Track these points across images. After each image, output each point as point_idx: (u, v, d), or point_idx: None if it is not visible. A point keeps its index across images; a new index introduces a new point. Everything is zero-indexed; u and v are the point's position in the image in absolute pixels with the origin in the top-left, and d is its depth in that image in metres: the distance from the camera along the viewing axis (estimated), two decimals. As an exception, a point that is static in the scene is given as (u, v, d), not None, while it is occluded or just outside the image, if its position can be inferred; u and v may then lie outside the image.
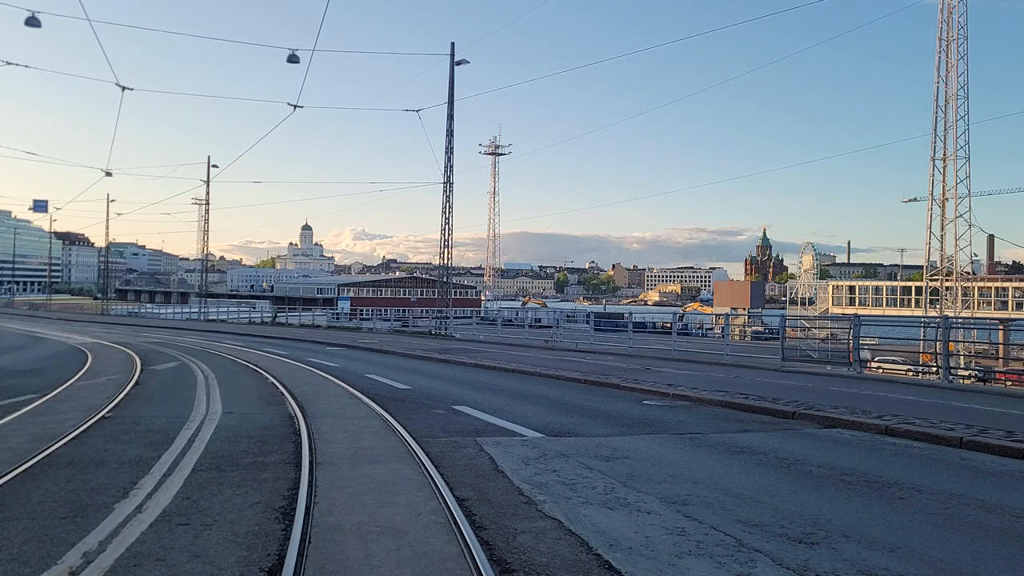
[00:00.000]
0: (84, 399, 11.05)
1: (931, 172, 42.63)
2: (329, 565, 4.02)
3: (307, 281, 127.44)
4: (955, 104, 41.31)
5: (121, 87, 26.56)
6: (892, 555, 4.37)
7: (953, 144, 41.67)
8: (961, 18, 41.11)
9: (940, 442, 8.10)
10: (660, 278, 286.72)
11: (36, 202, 72.19)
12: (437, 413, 9.94)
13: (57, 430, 8.08)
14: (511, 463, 6.70)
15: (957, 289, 43.27)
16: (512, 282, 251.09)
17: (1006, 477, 6.67)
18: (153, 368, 16.50)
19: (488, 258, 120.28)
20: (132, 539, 4.41)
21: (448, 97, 37.23)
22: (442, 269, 41.69)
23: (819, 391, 12.90)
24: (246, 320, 56.91)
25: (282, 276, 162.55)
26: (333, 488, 5.70)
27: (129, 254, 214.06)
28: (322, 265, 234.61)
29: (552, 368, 16.75)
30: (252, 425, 8.75)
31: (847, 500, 5.70)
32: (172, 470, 6.24)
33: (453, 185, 38.74)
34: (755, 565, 4.14)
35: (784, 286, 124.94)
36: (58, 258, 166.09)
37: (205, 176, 61.90)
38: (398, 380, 14.20)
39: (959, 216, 42.54)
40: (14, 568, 3.94)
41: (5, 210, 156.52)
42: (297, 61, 27.20)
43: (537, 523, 4.87)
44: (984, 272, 77.22)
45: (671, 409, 10.79)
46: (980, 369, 23.73)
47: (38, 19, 23.59)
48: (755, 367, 18.93)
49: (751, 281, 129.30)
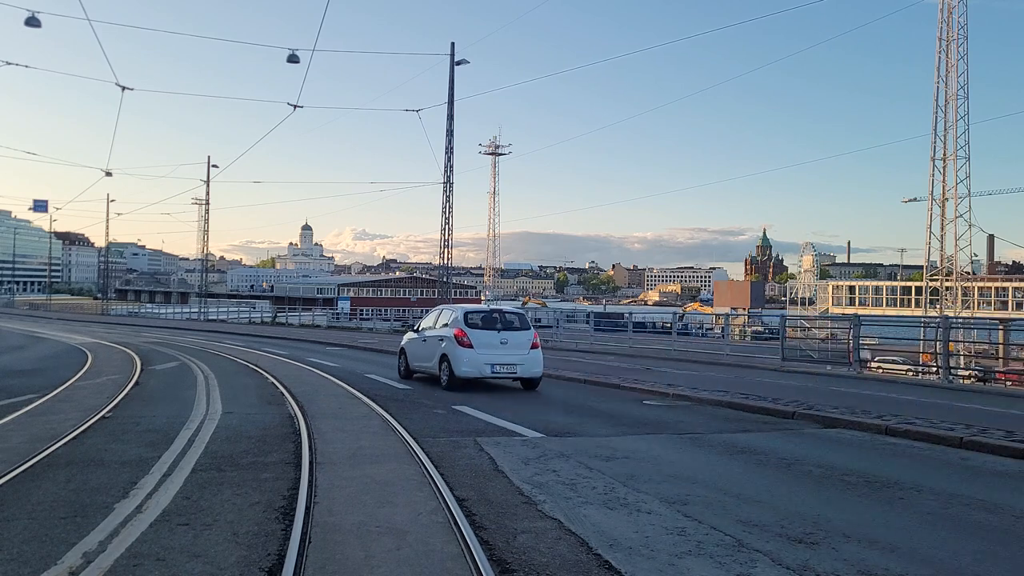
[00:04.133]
0: (84, 399, 11.05)
1: (931, 172, 42.66)
2: (329, 565, 4.02)
3: (307, 281, 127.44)
4: (955, 104, 41.33)
5: (121, 87, 26.55)
6: (892, 555, 4.37)
7: (953, 144, 41.71)
8: (961, 18, 41.15)
9: (940, 442, 8.11)
10: (660, 278, 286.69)
11: (36, 202, 72.03)
12: (437, 413, 9.94)
13: (57, 430, 8.08)
14: (511, 463, 6.70)
15: (957, 289, 43.26)
16: (512, 282, 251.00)
17: (1006, 477, 6.67)
18: (153, 368, 16.50)
19: (488, 258, 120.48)
20: (132, 539, 4.40)
21: (448, 97, 37.23)
22: (442, 269, 41.69)
23: (819, 391, 12.90)
24: (246, 320, 56.93)
25: (282, 276, 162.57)
26: (333, 488, 5.70)
27: (129, 254, 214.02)
28: (322, 265, 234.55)
29: (552, 368, 16.74)
30: (252, 425, 8.75)
31: (847, 500, 5.70)
32: (172, 470, 6.23)
33: (453, 185, 38.72)
34: (755, 565, 4.14)
35: (784, 286, 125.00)
36: (58, 258, 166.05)
37: (205, 176, 61.78)
38: (398, 380, 14.20)
39: (959, 216, 42.57)
40: (14, 568, 3.93)
41: (5, 210, 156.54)
42: (297, 61, 27.22)
43: (537, 523, 4.87)
44: (984, 272, 77.21)
45: (671, 409, 10.79)
46: (980, 369, 23.71)
47: (38, 19, 23.58)
48: (755, 367, 18.94)
49: (751, 281, 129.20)
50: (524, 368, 13.07)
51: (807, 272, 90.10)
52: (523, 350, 13.15)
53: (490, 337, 13.01)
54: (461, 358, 12.76)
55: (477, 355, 12.74)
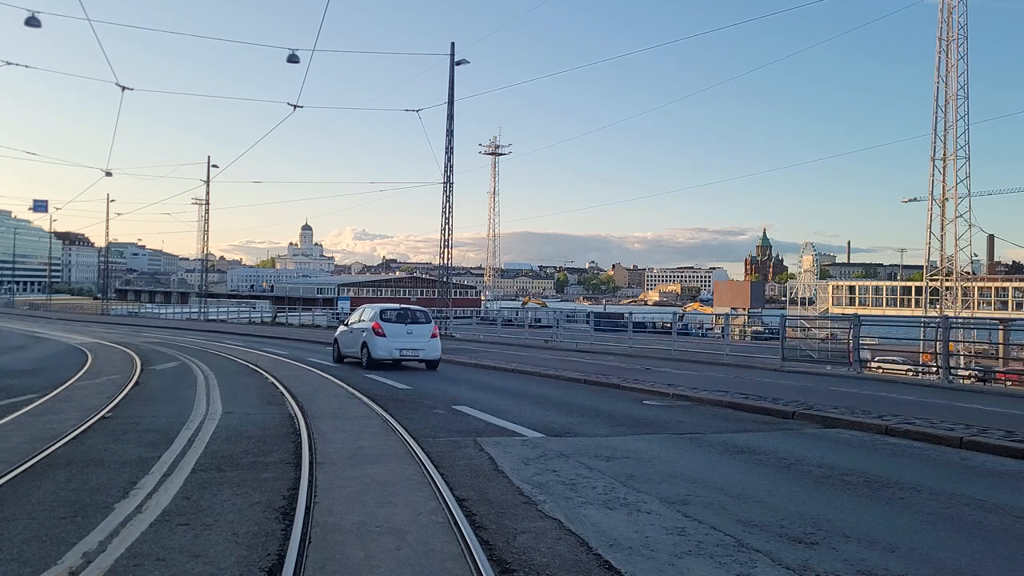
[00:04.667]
0: (84, 399, 11.05)
1: (931, 172, 42.64)
2: (329, 565, 4.01)
3: (307, 281, 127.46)
4: (955, 104, 41.31)
5: (121, 87, 26.55)
6: (892, 555, 4.37)
7: (953, 144, 41.69)
8: (961, 18, 41.14)
9: (940, 442, 8.11)
10: (660, 278, 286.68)
11: (36, 202, 72.01)
12: (437, 413, 9.94)
13: (57, 430, 8.08)
14: (511, 463, 6.70)
15: (957, 289, 43.25)
16: (512, 282, 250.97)
17: (1006, 477, 6.67)
18: (153, 368, 16.50)
19: (488, 258, 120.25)
20: (132, 539, 4.40)
21: (448, 97, 37.18)
22: (442, 269, 41.66)
23: (819, 391, 12.90)
24: (246, 320, 56.93)
25: (282, 276, 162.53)
26: (333, 488, 5.70)
27: (129, 254, 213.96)
28: (322, 265, 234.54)
29: (552, 368, 16.76)
30: (252, 425, 8.75)
31: (847, 500, 5.70)
32: (172, 470, 6.23)
33: (453, 185, 38.64)
34: (755, 565, 4.14)
35: (784, 286, 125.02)
36: (58, 258, 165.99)
37: (205, 176, 61.77)
38: (398, 380, 14.20)
39: (959, 216, 42.55)
40: (14, 568, 3.93)
41: (5, 210, 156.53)
42: (297, 61, 27.20)
43: (537, 523, 4.87)
44: (984, 272, 77.24)
45: (671, 409, 10.80)
46: (980, 369, 23.71)
47: (38, 19, 23.58)
48: (755, 367, 18.94)
49: (751, 281, 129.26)
50: (426, 352, 16.99)
51: (807, 272, 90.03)
52: (425, 338, 17.02)
53: (399, 329, 16.87)
54: (376, 344, 16.61)
55: (389, 342, 16.63)
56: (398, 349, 16.69)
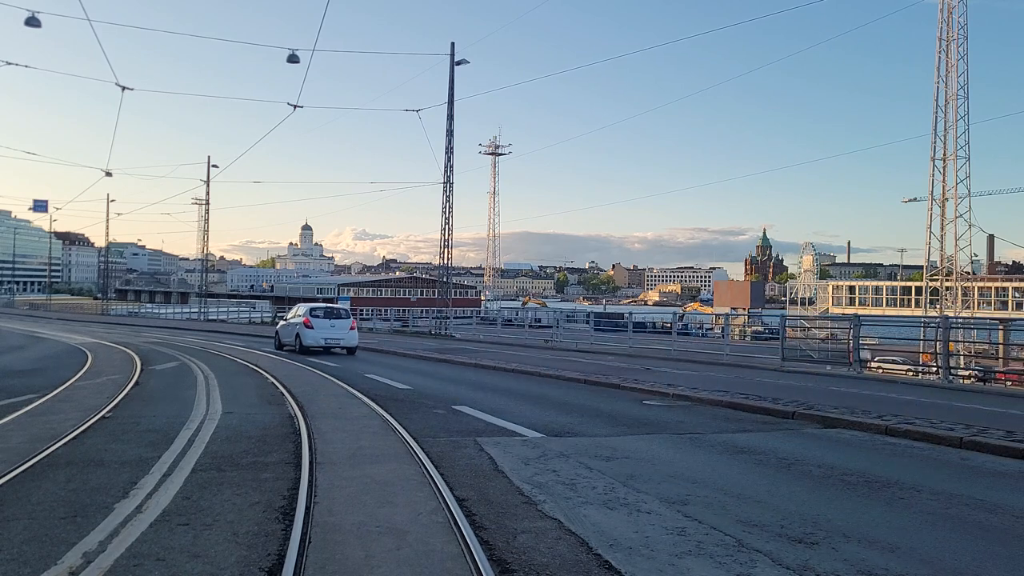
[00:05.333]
0: (84, 399, 11.04)
1: (931, 172, 42.63)
2: (329, 565, 4.01)
3: (307, 281, 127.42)
4: (955, 104, 41.31)
5: (121, 87, 26.55)
6: (892, 555, 4.37)
7: (953, 144, 41.68)
8: (961, 18, 41.13)
9: (940, 442, 8.11)
10: (660, 278, 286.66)
11: (36, 202, 72.00)
12: (437, 413, 9.94)
13: (57, 430, 8.07)
14: (511, 463, 6.70)
15: (957, 289, 43.25)
16: (512, 282, 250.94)
17: (1006, 477, 6.67)
18: (153, 368, 16.50)
19: (488, 258, 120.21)
20: (132, 539, 4.40)
21: (448, 97, 37.20)
22: (442, 269, 41.68)
23: (819, 391, 12.90)
24: (246, 320, 56.96)
25: (282, 276, 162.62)
26: (333, 488, 5.70)
27: (129, 254, 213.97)
28: (322, 265, 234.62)
29: (552, 368, 16.76)
30: (252, 425, 8.75)
31: (847, 500, 5.70)
32: (172, 470, 6.23)
33: (453, 185, 38.68)
34: (755, 565, 4.14)
35: (784, 286, 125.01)
36: (58, 258, 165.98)
37: (205, 176, 61.82)
38: (398, 380, 14.21)
39: (959, 216, 42.54)
40: (14, 568, 3.93)
41: (5, 210, 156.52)
42: (297, 61, 27.21)
43: (537, 523, 4.87)
44: (984, 272, 77.21)
45: (671, 409, 10.79)
46: (980, 369, 23.70)
47: (38, 19, 23.57)
48: (755, 367, 18.94)
49: (751, 281, 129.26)
50: (345, 341, 21.94)
51: (807, 272, 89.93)
52: (345, 330, 22.09)
53: (325, 323, 21.99)
54: (306, 335, 21.48)
55: (316, 333, 21.57)
56: (323, 338, 21.59)
